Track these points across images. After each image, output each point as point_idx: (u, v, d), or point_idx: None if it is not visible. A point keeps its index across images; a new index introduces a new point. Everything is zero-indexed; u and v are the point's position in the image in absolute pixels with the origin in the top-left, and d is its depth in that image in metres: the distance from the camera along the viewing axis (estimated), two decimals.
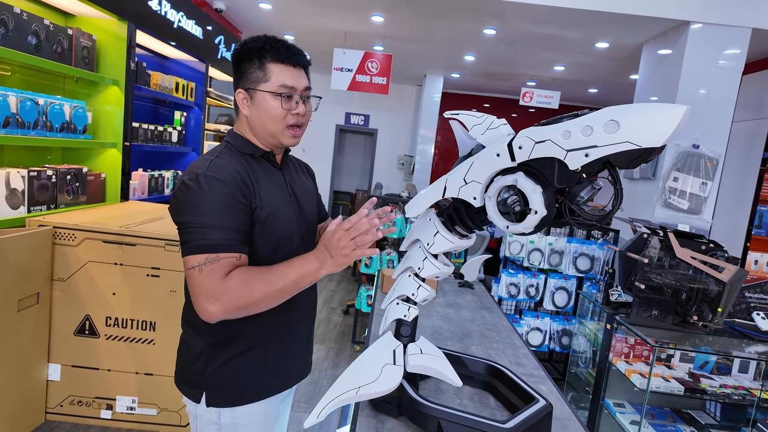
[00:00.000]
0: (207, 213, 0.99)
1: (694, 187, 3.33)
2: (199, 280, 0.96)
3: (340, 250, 1.02)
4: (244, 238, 1.04)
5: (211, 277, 0.95)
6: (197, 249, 0.97)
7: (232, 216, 1.01)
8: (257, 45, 1.12)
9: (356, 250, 1.02)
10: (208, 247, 0.97)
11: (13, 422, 2.07)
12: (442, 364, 1.18)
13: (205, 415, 1.11)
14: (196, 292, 0.96)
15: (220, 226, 0.99)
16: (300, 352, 1.26)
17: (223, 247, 0.98)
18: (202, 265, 0.96)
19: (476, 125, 1.16)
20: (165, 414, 2.27)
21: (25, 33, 2.25)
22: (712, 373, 2.39)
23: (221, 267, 0.97)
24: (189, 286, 0.98)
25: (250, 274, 0.99)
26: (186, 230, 1.00)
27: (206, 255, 0.97)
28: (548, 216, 1.00)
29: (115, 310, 2.21)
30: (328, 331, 3.99)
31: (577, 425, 1.27)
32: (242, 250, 1.02)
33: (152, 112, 3.85)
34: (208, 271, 0.95)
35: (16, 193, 2.24)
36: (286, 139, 1.14)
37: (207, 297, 0.95)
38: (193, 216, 0.99)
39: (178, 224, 1.02)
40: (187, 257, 0.98)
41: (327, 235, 1.05)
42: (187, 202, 1.00)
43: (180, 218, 1.01)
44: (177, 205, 1.02)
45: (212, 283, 0.95)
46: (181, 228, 1.01)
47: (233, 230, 1.00)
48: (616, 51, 4.78)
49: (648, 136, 0.86)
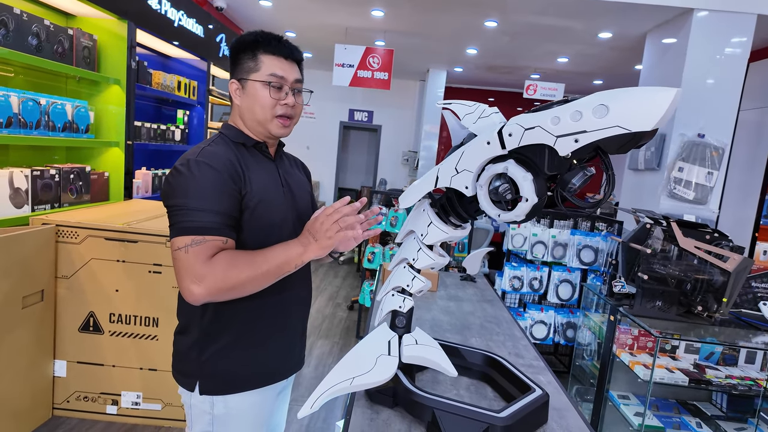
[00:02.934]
0: (196, 196, 1.00)
1: (699, 177, 3.29)
2: (185, 261, 0.97)
3: (324, 233, 1.03)
4: (232, 223, 1.05)
5: (196, 258, 0.96)
6: (184, 231, 0.98)
7: (220, 200, 1.02)
8: (251, 38, 1.15)
9: (340, 231, 1.03)
10: (195, 229, 0.98)
11: (21, 418, 2.10)
12: (437, 354, 1.18)
13: (199, 405, 1.12)
14: (181, 273, 0.97)
15: (208, 209, 1.00)
16: (294, 343, 1.26)
17: (210, 230, 0.99)
18: (188, 246, 0.97)
19: (468, 114, 1.15)
20: (169, 409, 2.29)
21: (25, 34, 2.28)
22: (718, 364, 2.37)
23: (207, 249, 0.98)
24: (175, 268, 0.99)
25: (234, 256, 1.00)
26: (174, 213, 1.01)
27: (192, 237, 0.98)
28: (539, 204, 0.99)
29: (118, 306, 2.23)
30: (333, 327, 4.00)
31: (575, 415, 1.26)
32: (229, 234, 1.03)
33: (155, 111, 3.88)
34: (193, 252, 0.96)
35: (20, 192, 2.27)
36: (275, 128, 1.16)
37: (191, 278, 0.96)
38: (183, 199, 1.00)
39: (167, 207, 1.04)
40: (174, 239, 1.00)
41: (310, 221, 1.07)
42: (178, 185, 1.02)
43: (170, 201, 1.03)
44: (168, 189, 1.04)
45: (197, 265, 0.96)
46: (170, 211, 1.03)
47: (221, 214, 1.02)
48: (620, 41, 4.73)
49: (638, 119, 0.85)
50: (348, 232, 1.03)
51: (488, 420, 1.06)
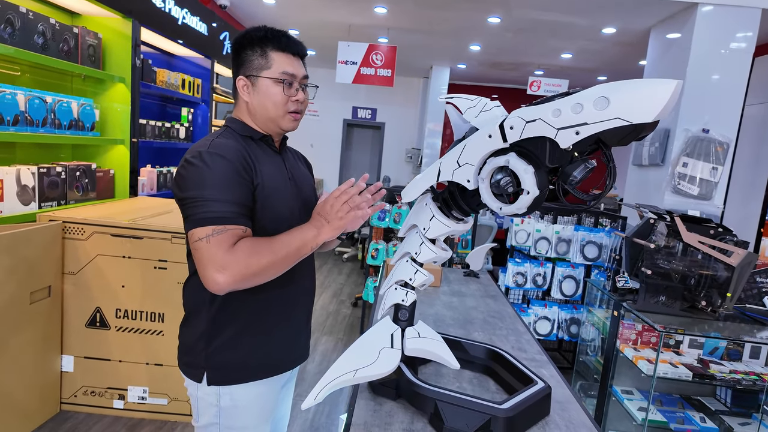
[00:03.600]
0: (211, 187, 1.01)
1: (704, 173, 3.28)
2: (207, 251, 0.97)
3: (335, 214, 1.07)
4: (247, 212, 1.06)
5: (219, 247, 0.97)
6: (204, 221, 0.99)
7: (235, 190, 1.03)
8: (260, 34, 1.15)
9: (350, 212, 1.07)
10: (215, 219, 0.99)
11: (29, 412, 2.13)
12: (439, 347, 1.19)
13: (206, 398, 1.14)
14: (204, 263, 0.97)
15: (224, 199, 1.01)
16: (299, 333, 1.28)
17: (229, 219, 1.00)
18: (210, 237, 0.97)
19: (470, 108, 1.15)
20: (175, 403, 2.31)
21: (31, 32, 2.30)
22: (722, 359, 2.36)
23: (228, 238, 0.98)
24: (196, 259, 0.99)
25: (255, 243, 1.01)
26: (191, 204, 1.01)
27: (213, 227, 0.98)
28: (541, 196, 1.00)
29: (124, 302, 2.25)
30: (337, 323, 4.02)
31: (577, 408, 1.27)
32: (246, 223, 1.04)
33: (160, 109, 3.90)
34: (215, 242, 0.97)
35: (27, 189, 2.29)
36: (287, 123, 1.18)
37: (216, 267, 0.96)
38: (198, 190, 1.01)
39: (182, 200, 1.04)
40: (194, 230, 0.99)
41: (319, 204, 1.10)
42: (192, 177, 1.02)
43: (184, 194, 1.03)
44: (181, 181, 1.04)
45: (220, 254, 0.96)
46: (185, 203, 1.03)
47: (237, 204, 1.03)
48: (624, 36, 4.71)
49: (638, 111, 0.85)
50: (357, 212, 1.06)
51: (490, 411, 1.07)
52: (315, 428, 2.43)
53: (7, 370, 1.97)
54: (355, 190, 1.08)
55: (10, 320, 1.97)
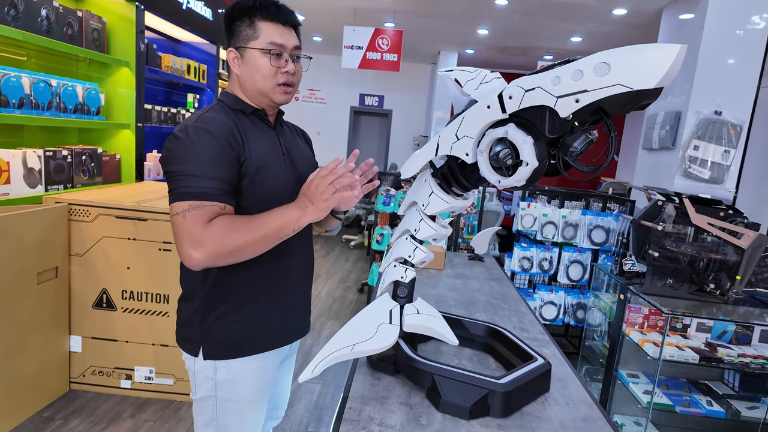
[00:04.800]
0: (194, 162, 1.00)
1: (716, 156, 3.21)
2: (183, 226, 0.97)
3: (320, 195, 1.03)
4: (230, 189, 1.05)
5: (194, 223, 0.97)
6: (182, 196, 0.99)
7: (218, 167, 1.02)
8: (248, 4, 1.13)
9: (336, 193, 1.03)
10: (193, 195, 0.98)
11: (39, 391, 2.17)
12: (438, 323, 1.18)
13: (203, 371, 1.15)
14: (180, 238, 0.98)
15: (206, 175, 1.00)
16: (296, 308, 1.27)
17: (208, 195, 1.00)
18: (186, 212, 0.97)
19: (470, 80, 1.13)
20: (181, 384, 2.35)
21: (35, 15, 2.30)
22: (731, 343, 2.33)
23: (204, 214, 0.98)
24: (173, 233, 1.00)
25: (232, 221, 1.00)
26: (173, 178, 1.01)
27: (190, 202, 0.98)
28: (540, 168, 0.98)
29: (130, 283, 2.27)
30: (343, 308, 4.03)
31: (578, 385, 1.26)
32: (227, 201, 1.03)
33: (165, 94, 3.90)
34: (191, 217, 0.97)
35: (33, 172, 2.31)
36: (277, 96, 1.15)
37: (190, 243, 0.96)
38: (181, 165, 1.01)
39: (166, 173, 1.04)
40: (172, 204, 1.00)
41: (305, 184, 1.07)
42: (176, 151, 1.02)
43: (168, 167, 1.03)
44: (166, 154, 1.04)
45: (195, 229, 0.97)
46: (168, 177, 1.03)
47: (219, 180, 1.02)
48: (635, 18, 4.60)
49: (640, 77, 0.82)
50: (345, 192, 1.03)
51: (488, 386, 1.06)
52: (319, 408, 2.46)
53: (17, 349, 2.01)
54: (343, 170, 1.04)
55: (18, 298, 2.00)
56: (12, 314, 1.97)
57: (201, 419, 1.19)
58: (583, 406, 1.15)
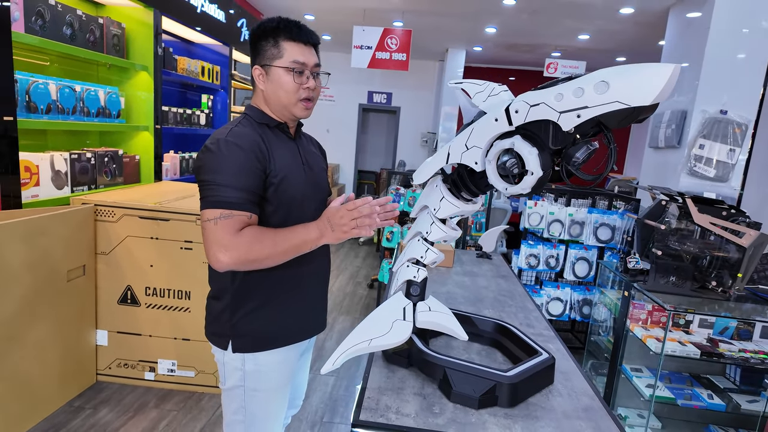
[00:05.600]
0: (224, 173, 1.11)
1: (721, 154, 3.25)
2: (214, 232, 1.08)
3: (341, 227, 1.13)
4: (256, 200, 1.15)
5: (225, 230, 1.07)
6: (214, 204, 1.09)
7: (246, 178, 1.12)
8: (272, 25, 1.23)
9: (354, 229, 1.13)
10: (224, 204, 1.09)
11: (68, 382, 2.29)
12: (449, 320, 1.26)
13: (231, 363, 1.25)
14: (210, 241, 1.08)
15: (235, 186, 1.10)
16: (315, 306, 1.38)
17: (237, 205, 1.10)
18: (218, 219, 1.08)
19: (478, 93, 1.20)
20: (202, 376, 2.46)
21: (60, 24, 2.40)
22: (733, 338, 2.39)
23: (234, 223, 1.09)
24: (203, 237, 1.10)
25: (259, 232, 1.11)
26: (205, 187, 1.12)
27: (221, 210, 1.09)
28: (544, 177, 1.05)
29: (153, 280, 2.38)
30: (354, 304, 4.13)
31: (580, 377, 1.34)
32: (253, 210, 1.13)
33: (180, 96, 4.01)
34: (222, 225, 1.08)
35: (60, 174, 2.42)
36: (299, 111, 1.25)
37: (219, 247, 1.07)
38: (212, 175, 1.11)
39: (199, 182, 1.15)
40: (205, 210, 1.10)
41: (331, 209, 1.15)
42: (208, 162, 1.12)
43: (201, 176, 1.14)
44: (200, 164, 1.15)
45: (225, 236, 1.07)
46: (201, 185, 1.14)
47: (246, 191, 1.12)
48: (642, 16, 4.62)
49: (636, 95, 0.89)
50: (362, 230, 1.12)
51: (495, 378, 1.15)
52: (334, 400, 2.56)
53: (48, 342, 2.12)
54: (367, 210, 1.12)
55: (50, 296, 2.11)
56: (45, 310, 2.09)
57: (230, 407, 1.29)
58: (584, 398, 1.23)
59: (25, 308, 1.99)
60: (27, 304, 1.99)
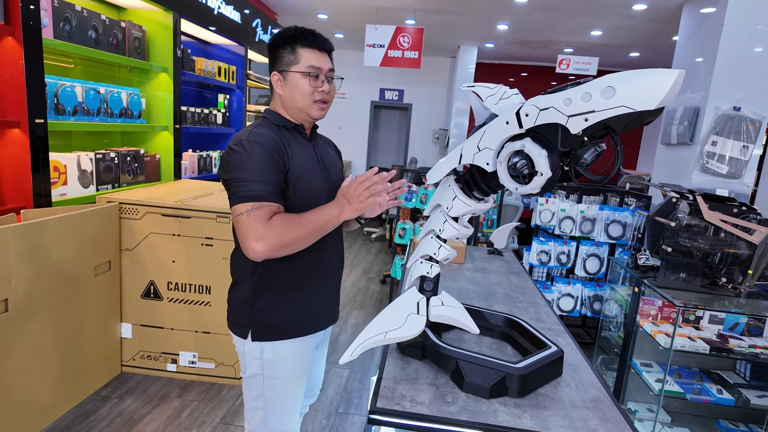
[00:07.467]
0: (250, 170, 1.18)
1: (734, 151, 3.25)
2: (247, 223, 1.15)
3: (357, 197, 1.22)
4: (280, 192, 1.23)
5: (258, 221, 1.15)
6: (245, 198, 1.17)
7: (271, 173, 1.21)
8: (290, 33, 1.32)
9: (370, 197, 1.22)
10: (254, 197, 1.17)
11: (95, 373, 2.40)
12: (461, 314, 1.32)
13: (251, 352, 1.33)
14: (245, 233, 1.15)
15: (262, 180, 1.18)
16: (330, 299, 1.46)
17: (266, 197, 1.18)
18: (250, 211, 1.16)
19: (490, 96, 1.25)
20: (222, 368, 2.55)
21: (85, 28, 2.49)
22: (743, 334, 2.41)
23: (265, 213, 1.17)
24: (237, 230, 1.18)
25: (288, 218, 1.19)
26: (234, 184, 1.20)
27: (253, 203, 1.16)
28: (554, 177, 1.11)
29: (175, 276, 2.48)
30: (367, 299, 4.20)
31: (588, 370, 1.39)
32: (280, 201, 1.22)
33: (198, 96, 4.10)
34: (254, 216, 1.15)
35: (86, 173, 2.52)
36: (314, 111, 1.33)
37: (254, 237, 1.14)
38: (240, 173, 1.19)
39: (226, 181, 1.22)
40: (236, 206, 1.18)
41: (344, 187, 1.26)
42: (234, 162, 1.20)
43: (228, 175, 1.21)
44: (225, 165, 1.23)
45: (259, 226, 1.15)
46: (229, 183, 1.21)
47: (272, 184, 1.20)
48: (655, 12, 4.60)
49: (642, 99, 0.94)
50: (375, 198, 1.21)
51: (506, 369, 1.20)
52: (348, 392, 2.63)
53: (76, 334, 2.23)
54: (378, 179, 1.22)
55: (79, 290, 2.22)
56: (74, 304, 2.19)
57: (250, 394, 1.37)
58: (592, 389, 1.28)
59: (58, 302, 2.09)
60: (59, 298, 2.10)
